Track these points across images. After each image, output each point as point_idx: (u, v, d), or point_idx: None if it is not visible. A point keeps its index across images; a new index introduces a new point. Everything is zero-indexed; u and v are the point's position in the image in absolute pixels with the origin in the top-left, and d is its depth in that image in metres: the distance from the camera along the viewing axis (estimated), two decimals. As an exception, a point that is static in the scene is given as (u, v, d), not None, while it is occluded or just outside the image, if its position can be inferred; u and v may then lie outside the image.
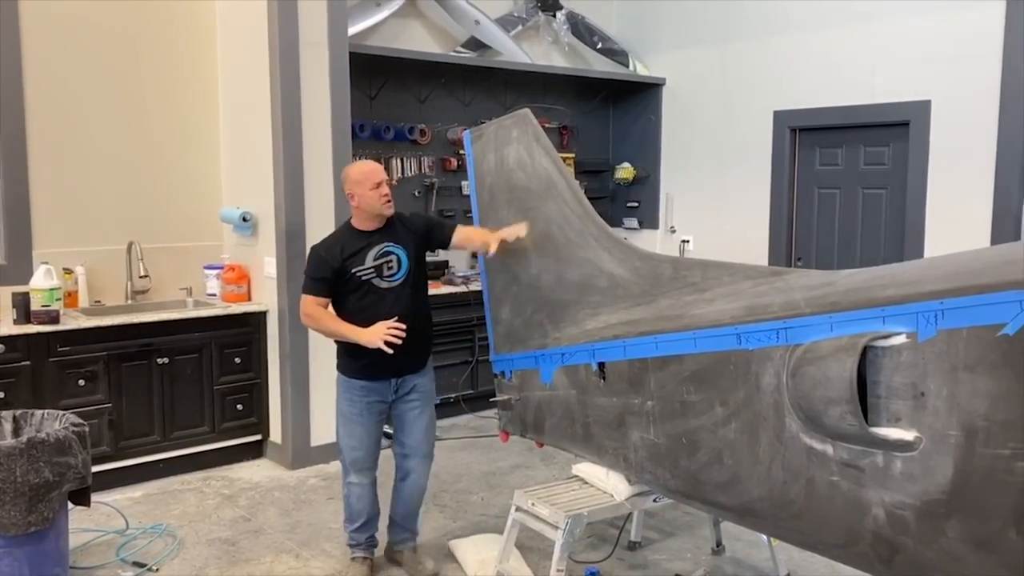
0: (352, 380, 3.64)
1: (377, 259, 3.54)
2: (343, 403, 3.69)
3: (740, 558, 3.92)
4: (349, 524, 3.77)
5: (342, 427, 3.70)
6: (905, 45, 5.63)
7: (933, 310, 2.05)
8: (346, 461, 3.72)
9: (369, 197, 3.52)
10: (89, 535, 4.10)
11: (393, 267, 3.56)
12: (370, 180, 3.52)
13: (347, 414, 3.67)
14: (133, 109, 5.20)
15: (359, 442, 3.68)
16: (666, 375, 2.83)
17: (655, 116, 7.30)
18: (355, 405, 3.65)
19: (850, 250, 6.08)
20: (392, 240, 3.59)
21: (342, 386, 3.69)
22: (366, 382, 3.61)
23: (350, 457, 3.70)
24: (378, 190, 3.52)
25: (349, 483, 3.73)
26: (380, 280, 3.54)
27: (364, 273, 3.52)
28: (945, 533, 2.04)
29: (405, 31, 6.33)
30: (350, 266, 3.51)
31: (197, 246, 5.43)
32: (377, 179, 3.53)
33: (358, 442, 3.68)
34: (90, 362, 4.59)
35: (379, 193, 3.53)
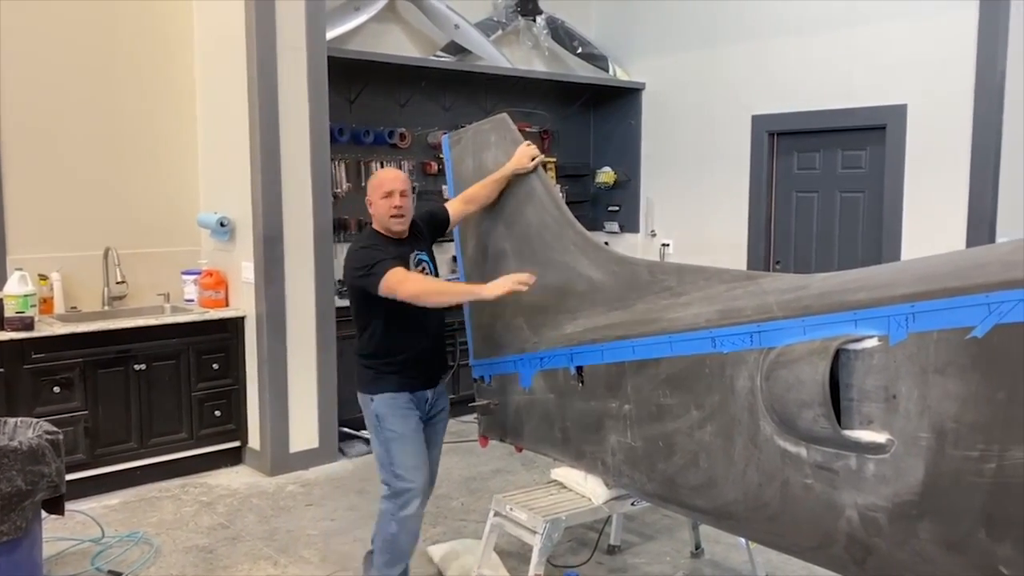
0: (398, 395, 3.30)
1: (415, 267, 3.34)
2: (395, 423, 3.28)
3: (719, 561, 3.93)
4: (392, 568, 3.33)
5: (398, 450, 3.26)
6: (881, 50, 5.68)
7: (904, 313, 2.06)
8: (405, 490, 3.24)
9: (378, 206, 3.29)
10: (64, 544, 4.06)
11: (427, 273, 3.39)
12: (381, 188, 3.27)
13: (403, 433, 3.28)
14: (109, 113, 5.16)
15: (421, 462, 3.30)
16: (643, 379, 2.84)
17: (635, 121, 7.33)
18: (409, 419, 3.30)
19: (828, 253, 6.12)
20: (419, 248, 3.41)
21: (386, 406, 3.28)
22: (410, 393, 3.32)
23: (412, 483, 3.24)
24: (388, 200, 3.25)
25: (404, 517, 3.25)
26: None
27: None
28: (917, 534, 2.05)
29: (385, 35, 6.32)
30: None
31: (174, 251, 5.40)
32: (387, 188, 3.25)
33: (420, 462, 3.30)
34: (65, 369, 4.55)
35: (389, 204, 3.25)
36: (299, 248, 5.07)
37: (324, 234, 5.20)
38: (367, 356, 3.36)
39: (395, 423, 3.29)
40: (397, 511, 3.26)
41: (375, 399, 3.32)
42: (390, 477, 3.29)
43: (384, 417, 3.29)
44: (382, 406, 3.30)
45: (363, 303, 3.30)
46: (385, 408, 3.29)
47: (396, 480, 3.27)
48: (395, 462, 3.27)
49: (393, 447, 3.28)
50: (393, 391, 3.30)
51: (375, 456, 3.39)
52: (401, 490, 3.25)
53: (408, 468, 3.26)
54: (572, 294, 3.27)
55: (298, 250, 5.07)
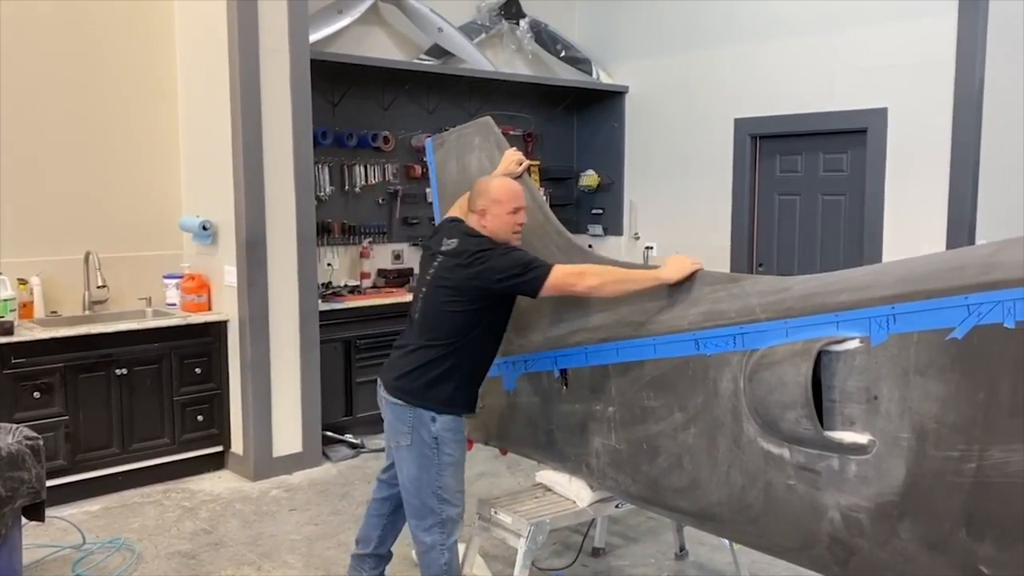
0: (461, 418, 3.13)
1: None
2: (454, 448, 3.09)
3: (703, 562, 3.94)
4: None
5: (453, 477, 3.09)
6: (862, 54, 5.73)
7: (885, 315, 2.08)
8: (453, 516, 3.10)
9: (504, 221, 3.06)
10: (44, 551, 4.01)
11: None
12: (512, 201, 3.07)
13: (459, 460, 3.12)
14: (90, 115, 5.12)
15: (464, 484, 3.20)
16: (627, 381, 2.85)
17: (618, 124, 7.35)
18: (464, 445, 3.16)
19: (810, 255, 6.16)
20: None
21: (449, 429, 3.07)
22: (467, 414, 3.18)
23: (459, 507, 3.12)
24: (515, 216, 3.08)
25: (454, 544, 3.12)
26: None
27: None
28: (898, 534, 2.07)
29: (368, 38, 6.31)
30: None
31: (156, 255, 5.36)
32: (516, 204, 3.08)
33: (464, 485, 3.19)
34: (46, 374, 4.50)
35: (515, 220, 3.08)
36: (282, 252, 5.05)
37: (307, 237, 5.18)
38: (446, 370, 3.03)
39: (454, 448, 3.09)
40: (447, 539, 3.09)
41: (439, 419, 3.05)
42: (436, 504, 3.07)
43: (445, 441, 3.06)
44: (445, 429, 3.06)
45: (474, 310, 3.00)
46: (448, 432, 3.06)
47: (444, 506, 3.07)
48: (446, 487, 3.07)
49: (447, 472, 3.07)
50: (458, 414, 3.09)
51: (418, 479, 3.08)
52: (449, 517, 3.08)
53: (458, 493, 3.11)
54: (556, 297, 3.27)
55: (281, 254, 5.05)
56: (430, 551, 3.09)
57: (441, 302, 3.03)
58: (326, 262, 6.08)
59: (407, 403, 3.06)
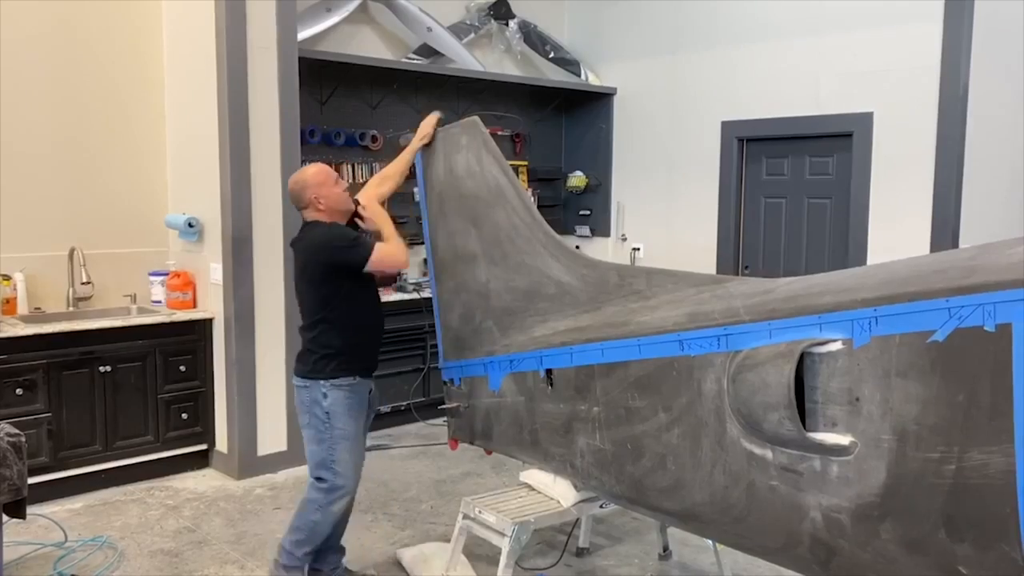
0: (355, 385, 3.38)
1: None
2: (346, 423, 3.37)
3: (687, 563, 3.96)
4: (301, 547, 3.42)
5: (344, 450, 3.37)
6: (848, 59, 5.76)
7: (867, 317, 2.09)
8: (341, 488, 3.39)
9: (335, 195, 3.46)
10: (26, 548, 3.98)
11: None
12: (329, 179, 3.47)
13: (352, 434, 3.39)
14: (75, 111, 5.09)
15: (360, 461, 3.47)
16: (611, 382, 2.86)
17: (606, 125, 7.37)
18: (358, 422, 3.43)
19: (796, 258, 6.19)
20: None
21: (340, 403, 3.35)
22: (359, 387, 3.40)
23: (351, 483, 3.42)
24: (339, 185, 3.51)
25: (335, 511, 3.40)
26: None
27: None
28: (879, 535, 2.09)
29: (356, 37, 6.30)
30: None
31: (141, 252, 5.33)
32: (335, 176, 3.51)
33: (360, 461, 3.46)
34: (28, 371, 4.47)
35: (342, 188, 3.50)
36: (268, 250, 5.03)
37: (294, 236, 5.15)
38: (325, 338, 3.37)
39: (346, 422, 3.38)
40: (327, 504, 3.39)
41: (329, 391, 3.35)
42: (328, 473, 3.38)
43: (335, 415, 3.36)
44: (336, 402, 3.35)
45: (330, 281, 3.36)
46: (338, 404, 3.36)
47: (334, 477, 3.37)
48: (338, 460, 3.37)
49: (339, 446, 3.37)
50: (350, 378, 3.37)
51: (312, 447, 3.41)
52: (335, 486, 3.38)
53: (352, 468, 3.40)
54: (542, 297, 3.28)
55: (267, 252, 5.03)
56: (309, 504, 3.42)
57: (303, 288, 3.46)
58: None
59: (302, 381, 3.41)
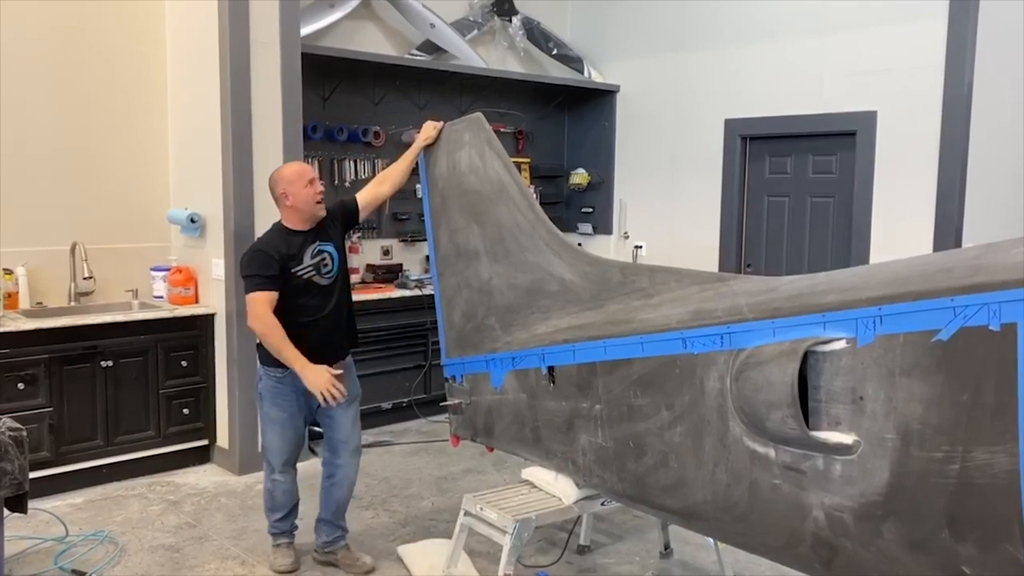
0: (283, 377, 3.57)
1: (314, 257, 3.58)
2: (271, 408, 3.67)
3: (688, 561, 3.95)
4: (272, 514, 3.82)
5: (270, 431, 3.71)
6: (852, 57, 5.75)
7: (872, 316, 2.09)
8: (274, 462, 3.74)
9: (303, 195, 3.53)
10: (27, 543, 3.99)
11: (328, 264, 3.63)
12: (303, 177, 3.54)
13: (277, 419, 3.68)
14: (78, 107, 5.09)
15: (288, 444, 3.74)
16: (614, 379, 2.85)
17: (609, 123, 7.35)
18: (285, 410, 3.67)
19: (798, 257, 6.18)
20: (323, 239, 3.64)
21: (269, 389, 3.65)
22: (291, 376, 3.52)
23: (276, 459, 3.73)
24: (311, 187, 3.54)
25: (274, 480, 3.76)
26: (319, 277, 3.59)
27: (304, 272, 3.55)
28: (882, 534, 2.08)
29: (359, 33, 6.29)
30: (291, 266, 3.52)
31: (143, 247, 5.33)
32: (310, 176, 3.57)
33: (287, 444, 3.74)
34: (30, 365, 4.47)
35: (313, 191, 3.54)
36: (271, 245, 5.03)
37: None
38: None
39: (271, 408, 3.66)
40: (268, 474, 3.78)
41: (263, 377, 3.65)
42: (262, 449, 3.79)
43: (264, 399, 3.68)
44: (266, 387, 3.65)
45: None
46: (267, 391, 3.65)
47: (265, 451, 3.78)
48: (267, 439, 3.74)
49: (267, 428, 3.73)
50: (278, 370, 3.55)
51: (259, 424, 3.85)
52: (269, 460, 3.75)
53: (277, 448, 3.71)
54: (544, 294, 3.27)
55: (270, 247, 5.02)
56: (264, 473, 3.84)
57: None
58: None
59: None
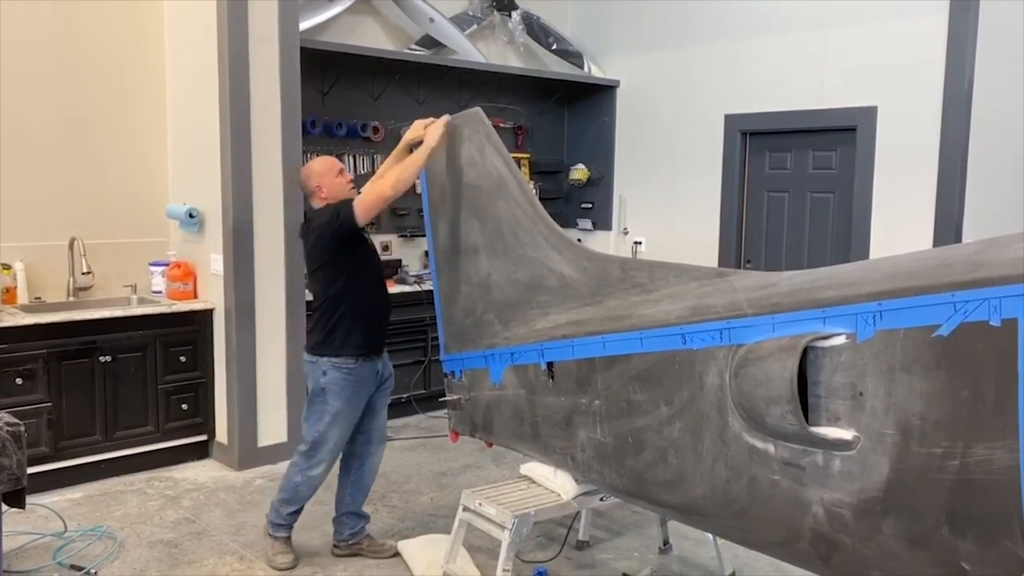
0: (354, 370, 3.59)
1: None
2: (339, 401, 3.61)
3: (687, 556, 3.95)
4: (287, 506, 3.76)
5: (332, 425, 3.63)
6: (852, 52, 5.73)
7: (872, 311, 2.08)
8: (326, 457, 3.68)
9: (336, 185, 3.66)
10: (25, 538, 3.98)
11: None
12: (333, 169, 3.69)
13: (343, 412, 3.63)
14: (77, 101, 5.07)
15: (345, 439, 3.74)
16: (613, 375, 2.85)
17: (609, 118, 7.34)
18: (352, 403, 3.65)
19: (798, 252, 6.18)
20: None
21: (337, 383, 3.59)
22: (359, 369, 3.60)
23: (330, 455, 3.69)
24: (342, 177, 3.70)
25: (311, 475, 3.69)
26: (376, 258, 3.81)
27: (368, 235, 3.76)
28: (881, 530, 2.08)
29: (359, 27, 6.27)
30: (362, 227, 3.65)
31: (142, 242, 5.32)
32: (339, 167, 3.73)
33: (345, 439, 3.74)
34: (28, 360, 4.47)
35: (344, 180, 3.70)
36: (269, 241, 5.02)
37: (295, 227, 5.11)
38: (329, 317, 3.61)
39: (337, 402, 3.61)
40: (306, 468, 3.68)
41: (329, 370, 3.59)
42: (310, 441, 3.65)
43: (327, 392, 3.61)
44: (333, 381, 3.59)
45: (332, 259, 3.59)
46: (334, 384, 3.60)
47: (316, 447, 3.65)
48: (324, 435, 3.64)
49: (328, 422, 3.63)
50: (350, 360, 3.58)
51: (305, 413, 3.71)
52: (314, 455, 3.66)
53: (336, 443, 3.67)
54: (543, 290, 3.27)
55: (268, 243, 5.02)
56: (293, 465, 3.73)
57: (311, 273, 3.72)
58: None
59: (310, 356, 3.68)
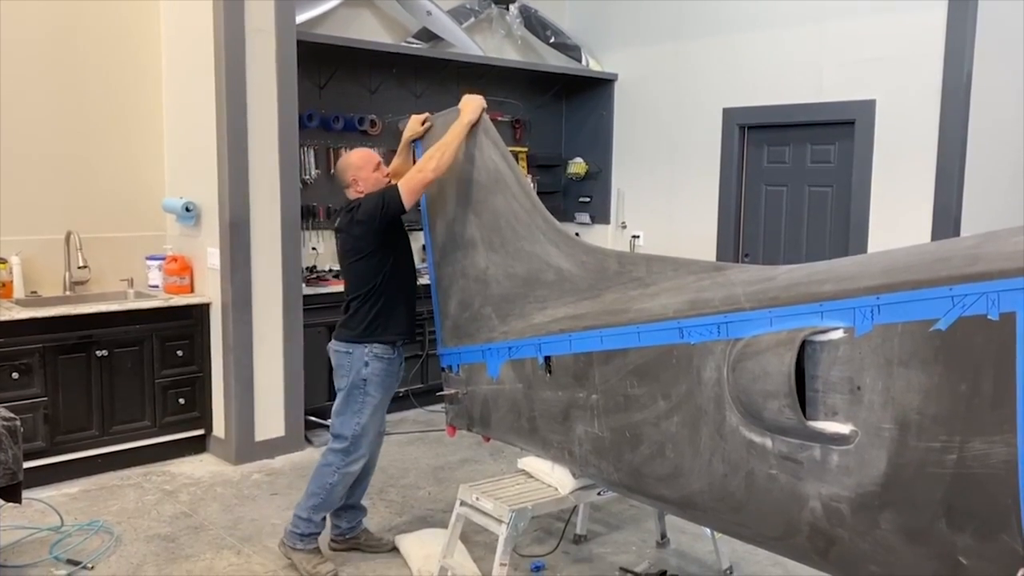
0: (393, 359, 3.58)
1: None
2: (379, 391, 3.57)
3: (684, 550, 3.95)
4: (319, 512, 3.63)
5: (371, 415, 3.57)
6: (851, 45, 5.72)
7: (869, 305, 2.07)
8: (357, 448, 3.58)
9: (373, 179, 3.63)
10: (21, 532, 3.97)
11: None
12: (371, 163, 3.67)
13: (382, 403, 3.62)
14: (73, 94, 5.05)
15: (382, 429, 3.75)
16: (610, 369, 2.84)
17: (607, 112, 7.32)
18: (389, 392, 3.64)
19: (796, 246, 6.17)
20: None
21: (379, 372, 3.55)
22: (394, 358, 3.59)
23: (368, 446, 3.63)
24: (380, 171, 3.68)
25: (348, 472, 3.59)
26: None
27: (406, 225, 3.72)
28: (879, 525, 2.07)
29: (356, 20, 6.25)
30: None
31: (138, 236, 5.30)
32: (376, 160, 3.70)
33: (382, 429, 3.74)
34: (25, 355, 4.45)
35: (381, 174, 3.67)
36: (266, 235, 5.01)
37: (292, 221, 5.13)
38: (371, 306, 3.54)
39: (379, 390, 3.57)
40: (343, 467, 3.58)
41: (371, 360, 3.53)
42: (350, 435, 3.56)
43: (369, 383, 3.54)
44: (375, 371, 3.54)
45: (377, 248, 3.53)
46: (376, 375, 3.54)
47: (355, 441, 3.57)
48: (364, 426, 3.56)
49: (367, 413, 3.56)
50: (388, 348, 3.55)
51: (341, 407, 3.58)
52: (354, 450, 3.57)
53: (371, 436, 3.62)
54: (541, 284, 3.26)
55: (265, 237, 5.00)
56: (327, 467, 3.59)
57: (349, 264, 3.62)
58: (311, 246, 6.04)
59: (346, 346, 3.57)
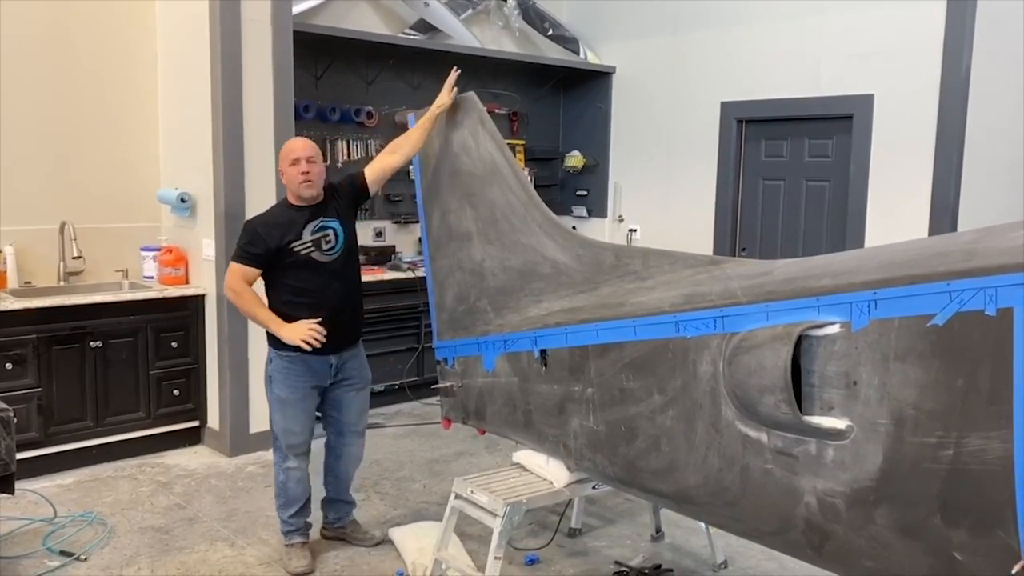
0: (295, 359, 3.53)
1: (314, 233, 3.51)
2: (282, 389, 3.60)
3: (679, 544, 3.95)
4: (285, 510, 3.71)
5: (279, 413, 3.63)
6: (849, 40, 5.70)
7: (866, 300, 2.06)
8: (283, 446, 3.66)
9: (288, 174, 3.48)
10: (14, 523, 3.97)
11: (331, 241, 3.55)
12: (288, 157, 3.49)
13: (288, 400, 3.61)
14: (67, 84, 5.02)
15: (300, 427, 3.66)
16: (606, 362, 2.83)
17: (604, 105, 7.30)
18: (296, 391, 3.61)
19: (793, 241, 6.16)
20: (328, 215, 3.57)
21: (280, 370, 3.59)
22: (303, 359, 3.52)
23: (289, 442, 3.65)
24: (295, 167, 3.45)
25: (287, 468, 3.66)
26: (319, 254, 3.52)
27: (302, 248, 3.49)
28: (874, 520, 2.07)
29: (353, 11, 6.22)
30: (288, 242, 3.47)
31: (133, 227, 5.28)
32: (295, 156, 3.46)
33: (300, 427, 3.66)
34: (18, 345, 4.44)
35: (296, 171, 3.45)
36: (262, 226, 4.98)
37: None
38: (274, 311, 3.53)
39: (282, 389, 3.60)
40: (280, 462, 3.68)
41: (274, 358, 3.59)
42: (277, 433, 3.66)
43: (274, 380, 3.61)
44: (277, 369, 3.59)
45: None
46: (278, 372, 3.58)
47: (275, 438, 3.68)
48: (276, 422, 3.65)
49: (276, 409, 3.64)
50: (289, 352, 3.51)
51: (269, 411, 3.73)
52: (279, 446, 3.66)
53: (286, 431, 3.63)
54: (537, 277, 3.25)
55: (261, 228, 4.98)
56: (275, 466, 3.72)
57: None
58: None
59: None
